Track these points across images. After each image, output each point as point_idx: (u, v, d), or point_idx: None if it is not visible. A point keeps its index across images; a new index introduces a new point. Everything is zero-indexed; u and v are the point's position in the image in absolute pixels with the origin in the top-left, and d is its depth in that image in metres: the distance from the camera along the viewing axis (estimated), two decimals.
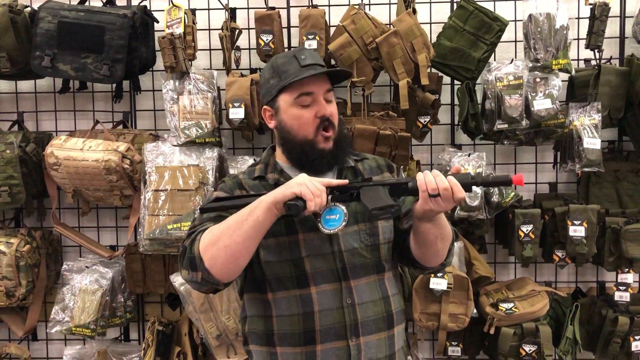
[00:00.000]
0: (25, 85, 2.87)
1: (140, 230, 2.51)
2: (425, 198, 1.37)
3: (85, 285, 2.59)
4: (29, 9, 2.62)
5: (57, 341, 2.89)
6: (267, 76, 1.60)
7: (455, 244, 1.62)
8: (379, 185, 1.42)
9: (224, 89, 2.53)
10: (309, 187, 1.35)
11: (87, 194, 2.60)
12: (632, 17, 2.63)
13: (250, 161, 2.52)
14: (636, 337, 2.54)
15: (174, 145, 2.52)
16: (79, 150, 2.49)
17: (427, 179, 1.37)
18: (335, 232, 1.41)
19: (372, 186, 1.43)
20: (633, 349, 2.54)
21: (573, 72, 2.58)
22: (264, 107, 1.63)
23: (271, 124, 1.62)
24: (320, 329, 1.49)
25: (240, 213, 1.40)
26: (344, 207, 1.41)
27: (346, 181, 1.44)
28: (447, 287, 2.45)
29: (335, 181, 1.42)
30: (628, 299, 2.60)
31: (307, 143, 1.54)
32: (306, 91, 1.54)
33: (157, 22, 2.64)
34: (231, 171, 2.51)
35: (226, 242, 1.37)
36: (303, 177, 1.39)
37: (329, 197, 1.41)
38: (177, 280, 2.48)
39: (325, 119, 1.54)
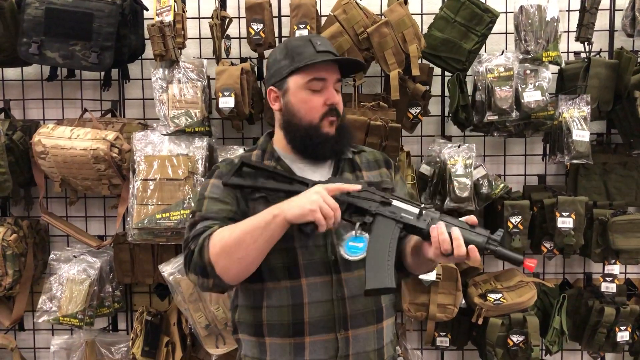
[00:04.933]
0: (12, 72, 2.83)
1: (128, 219, 2.49)
2: (437, 254, 1.37)
3: (72, 275, 2.57)
4: None
5: (45, 331, 2.87)
6: (278, 57, 1.57)
7: None
8: (393, 221, 1.40)
9: (214, 78, 2.50)
10: (322, 209, 1.33)
11: (75, 183, 2.58)
12: (621, 10, 2.64)
13: (240, 151, 2.50)
14: (622, 328, 2.57)
15: (163, 134, 2.50)
16: (67, 138, 2.47)
17: (441, 238, 1.34)
18: (355, 259, 1.44)
19: (387, 218, 1.40)
20: (618, 339, 2.58)
21: (563, 64, 2.60)
22: (270, 87, 1.60)
23: (275, 106, 1.59)
24: (309, 320, 1.49)
25: (253, 225, 1.38)
26: (367, 236, 1.41)
27: (359, 187, 1.42)
28: (436, 278, 2.46)
29: (346, 186, 1.40)
30: (614, 290, 2.62)
31: (312, 127, 1.54)
32: (319, 76, 1.53)
33: (147, 9, 2.61)
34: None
35: (240, 254, 1.38)
36: (316, 194, 1.36)
37: (345, 214, 1.39)
38: (166, 270, 2.47)
39: (334, 108, 1.55)
